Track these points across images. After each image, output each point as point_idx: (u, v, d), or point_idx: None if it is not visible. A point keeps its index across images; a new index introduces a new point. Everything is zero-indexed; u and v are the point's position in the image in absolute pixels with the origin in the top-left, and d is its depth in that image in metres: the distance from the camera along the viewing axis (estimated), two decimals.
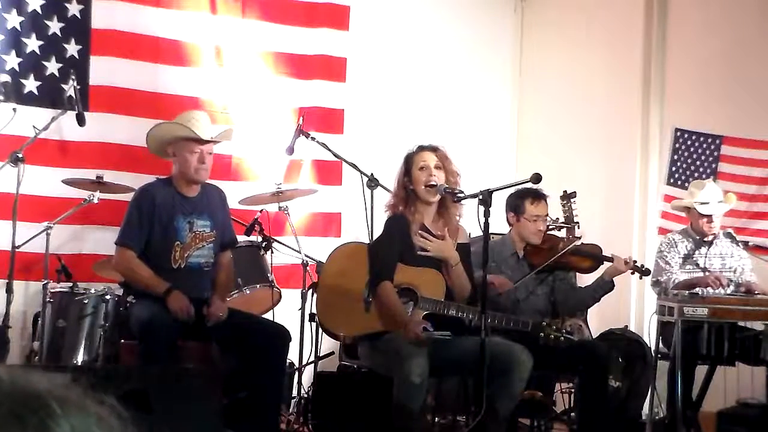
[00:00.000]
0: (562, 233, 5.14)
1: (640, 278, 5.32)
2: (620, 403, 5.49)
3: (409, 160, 4.62)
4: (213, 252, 4.75)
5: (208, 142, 4.64)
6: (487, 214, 4.01)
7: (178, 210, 4.66)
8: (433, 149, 4.62)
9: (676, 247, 5.48)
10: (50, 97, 5.57)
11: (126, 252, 4.61)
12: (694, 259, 5.46)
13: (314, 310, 5.05)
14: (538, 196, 4.98)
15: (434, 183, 4.52)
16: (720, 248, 5.49)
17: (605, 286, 5.00)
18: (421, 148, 4.64)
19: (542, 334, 4.36)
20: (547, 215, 5.02)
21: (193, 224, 4.68)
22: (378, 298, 4.45)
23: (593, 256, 5.05)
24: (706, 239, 5.46)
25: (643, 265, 5.10)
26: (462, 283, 4.57)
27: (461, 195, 4.43)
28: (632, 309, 6.47)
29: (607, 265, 5.03)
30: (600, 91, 6.95)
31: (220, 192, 4.91)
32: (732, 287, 5.41)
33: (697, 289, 5.14)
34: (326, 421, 5.06)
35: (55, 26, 5.69)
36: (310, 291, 5.36)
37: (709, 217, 5.39)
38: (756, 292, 5.26)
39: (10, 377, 0.77)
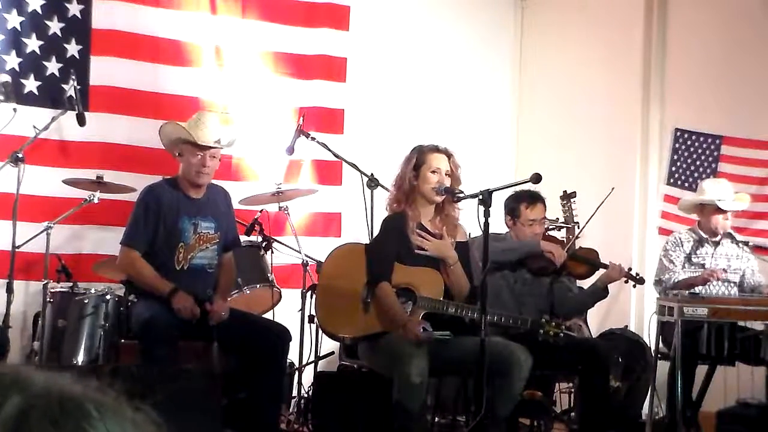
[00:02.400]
0: (562, 233, 5.15)
1: (634, 287, 5.30)
2: (620, 403, 5.49)
3: (421, 157, 4.56)
4: (217, 254, 4.75)
5: (207, 148, 4.63)
6: (487, 214, 4.01)
7: (182, 211, 4.67)
8: (449, 155, 4.58)
9: (682, 246, 5.46)
10: (50, 97, 5.58)
11: (130, 252, 4.62)
12: (700, 258, 5.44)
13: (314, 312, 5.05)
14: (534, 200, 4.96)
15: (439, 187, 4.51)
16: (726, 249, 5.47)
17: (598, 293, 5.00)
18: (437, 150, 4.58)
19: (541, 330, 4.36)
20: (544, 218, 5.00)
21: (197, 226, 4.69)
22: (376, 299, 4.45)
23: (589, 262, 5.04)
24: (714, 239, 5.44)
25: (637, 274, 5.09)
26: (460, 283, 4.56)
27: (461, 195, 4.42)
28: (632, 309, 6.46)
29: (602, 271, 5.03)
30: (600, 91, 6.95)
31: (225, 193, 4.91)
32: (735, 289, 5.40)
33: (696, 288, 5.14)
34: (326, 421, 5.06)
35: (55, 26, 5.69)
36: (309, 292, 5.36)
37: (725, 214, 5.37)
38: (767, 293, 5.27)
39: (44, 380, 0.76)
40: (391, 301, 4.44)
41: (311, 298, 5.26)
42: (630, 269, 5.08)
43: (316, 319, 4.98)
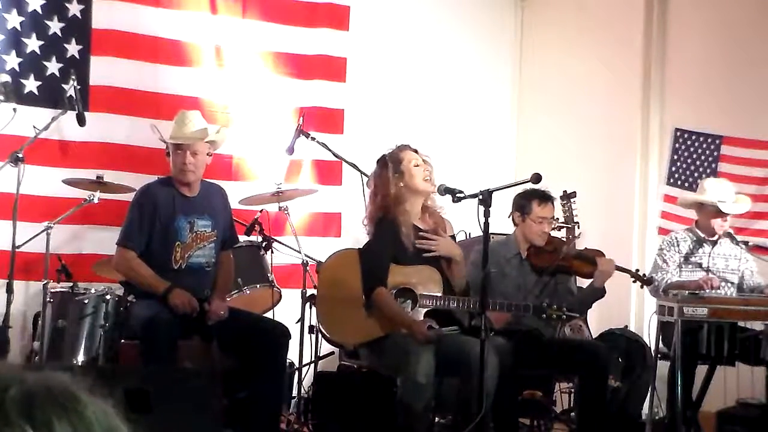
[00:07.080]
0: (562, 233, 5.14)
1: (641, 287, 5.29)
2: (620, 403, 5.49)
3: (396, 163, 4.59)
4: (214, 252, 4.75)
5: (184, 145, 4.63)
6: (487, 214, 4.01)
7: (178, 210, 4.67)
8: (413, 149, 4.67)
9: (678, 246, 5.46)
10: (50, 97, 5.57)
11: (126, 252, 4.62)
12: (698, 258, 5.43)
13: (314, 322, 5.05)
14: (546, 198, 4.97)
15: (429, 177, 4.57)
16: (724, 249, 5.46)
17: (595, 293, 4.99)
18: (405, 148, 4.66)
19: (544, 315, 4.42)
20: (552, 218, 5.00)
21: (193, 224, 4.69)
22: (376, 305, 4.45)
23: (594, 262, 5.03)
24: (711, 238, 5.43)
25: (644, 275, 5.08)
26: (463, 277, 4.60)
27: (461, 195, 4.41)
28: (632, 309, 6.47)
29: None
30: (600, 91, 6.95)
31: (222, 191, 4.91)
32: (733, 289, 5.40)
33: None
34: (326, 421, 5.06)
35: (55, 26, 5.69)
36: (308, 303, 5.36)
37: (725, 216, 5.36)
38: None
39: (35, 378, 0.90)
40: (391, 305, 4.44)
41: (310, 308, 5.27)
42: (638, 270, 5.08)
43: (320, 329, 4.95)
